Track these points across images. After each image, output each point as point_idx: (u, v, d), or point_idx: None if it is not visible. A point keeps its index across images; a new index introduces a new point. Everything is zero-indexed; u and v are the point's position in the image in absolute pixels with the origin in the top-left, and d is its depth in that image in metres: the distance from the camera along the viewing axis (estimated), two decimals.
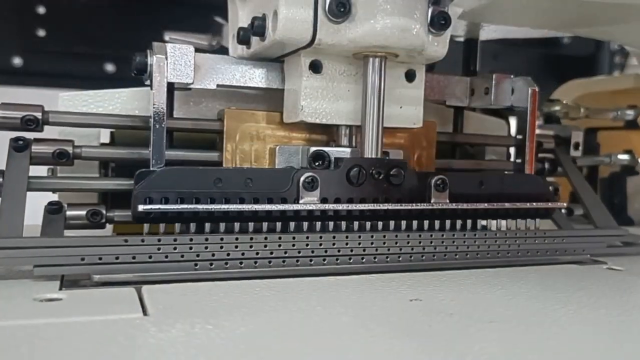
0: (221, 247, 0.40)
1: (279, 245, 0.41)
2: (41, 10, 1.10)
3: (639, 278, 0.45)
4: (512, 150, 0.59)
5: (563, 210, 0.57)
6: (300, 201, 0.42)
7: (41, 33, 1.10)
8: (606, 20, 0.52)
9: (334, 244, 0.43)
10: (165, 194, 0.40)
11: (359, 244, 0.43)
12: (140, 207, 0.39)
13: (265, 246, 0.41)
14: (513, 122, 0.63)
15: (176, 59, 0.43)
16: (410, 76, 0.47)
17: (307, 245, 0.42)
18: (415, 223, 0.46)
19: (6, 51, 1.09)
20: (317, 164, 0.45)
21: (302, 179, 0.42)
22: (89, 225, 0.43)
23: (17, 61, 1.09)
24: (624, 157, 0.65)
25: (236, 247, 0.40)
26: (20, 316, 0.30)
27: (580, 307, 0.36)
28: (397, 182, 0.44)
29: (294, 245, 0.42)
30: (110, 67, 1.15)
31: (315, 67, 0.45)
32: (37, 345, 0.27)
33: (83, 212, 0.43)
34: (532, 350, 0.29)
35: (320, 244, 0.42)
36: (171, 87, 0.45)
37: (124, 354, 0.26)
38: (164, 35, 0.95)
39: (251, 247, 0.41)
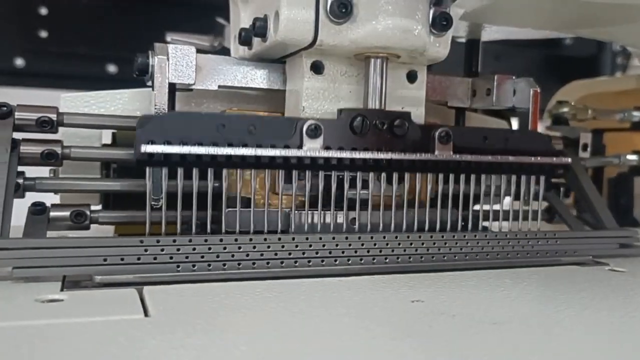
0: (224, 248, 0.40)
1: (282, 247, 0.41)
2: (43, 11, 1.10)
3: None
4: None
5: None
6: (304, 148, 0.42)
7: (43, 34, 1.10)
8: (608, 21, 0.52)
9: (337, 245, 0.42)
10: (168, 138, 0.39)
11: (362, 244, 0.43)
12: (143, 148, 0.39)
13: (269, 247, 0.41)
14: (515, 123, 0.63)
15: (178, 59, 0.43)
16: (411, 77, 0.47)
17: (310, 246, 0.42)
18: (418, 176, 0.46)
19: (8, 52, 1.09)
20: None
21: (305, 126, 0.42)
22: (73, 227, 0.43)
23: (19, 62, 1.10)
24: (632, 157, 0.65)
25: (239, 247, 0.40)
26: (22, 317, 0.30)
27: (583, 309, 0.36)
28: (400, 133, 0.44)
29: (297, 246, 0.41)
30: (112, 68, 1.15)
31: (317, 68, 0.45)
32: (39, 346, 0.26)
33: (67, 213, 0.43)
34: (534, 351, 0.28)
35: (324, 245, 0.42)
36: (173, 88, 0.44)
37: (125, 355, 0.26)
38: (166, 36, 0.95)
39: (254, 247, 0.40)
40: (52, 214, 0.43)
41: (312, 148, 0.42)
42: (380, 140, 0.44)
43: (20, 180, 0.42)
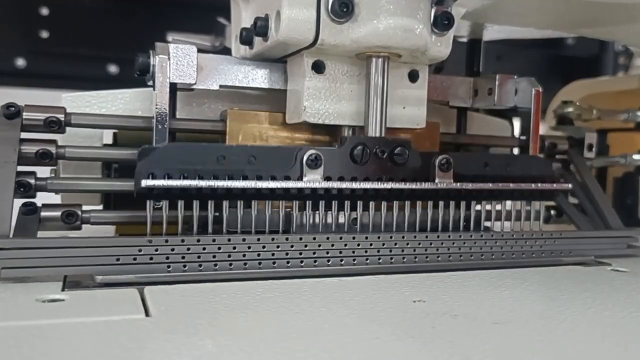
0: (218, 248, 0.40)
1: (277, 247, 0.41)
2: (44, 11, 1.10)
3: None
4: (515, 151, 0.59)
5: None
6: (304, 179, 0.42)
7: (44, 34, 1.10)
8: (610, 21, 0.52)
9: (332, 245, 0.42)
10: (168, 170, 0.40)
11: (358, 244, 0.43)
12: (144, 183, 0.39)
13: (263, 247, 0.41)
14: (517, 122, 0.63)
15: (179, 59, 0.43)
16: (413, 76, 0.47)
17: (305, 246, 0.42)
18: (419, 204, 0.46)
19: (9, 52, 1.09)
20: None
21: (305, 156, 0.42)
22: (64, 227, 0.43)
23: (20, 62, 1.09)
24: (638, 157, 0.64)
25: (234, 247, 0.40)
26: (23, 317, 0.30)
27: (585, 309, 0.35)
28: (400, 161, 0.44)
29: (291, 246, 0.41)
30: (113, 69, 1.15)
31: (318, 68, 0.45)
32: (40, 345, 0.26)
33: (58, 213, 0.43)
34: (537, 351, 0.28)
35: (319, 245, 0.42)
36: (174, 88, 0.44)
37: (126, 355, 0.26)
38: (167, 37, 0.95)
39: (249, 247, 0.40)
40: (43, 214, 0.43)
41: (313, 179, 0.42)
42: (381, 168, 0.44)
43: (32, 180, 0.42)
